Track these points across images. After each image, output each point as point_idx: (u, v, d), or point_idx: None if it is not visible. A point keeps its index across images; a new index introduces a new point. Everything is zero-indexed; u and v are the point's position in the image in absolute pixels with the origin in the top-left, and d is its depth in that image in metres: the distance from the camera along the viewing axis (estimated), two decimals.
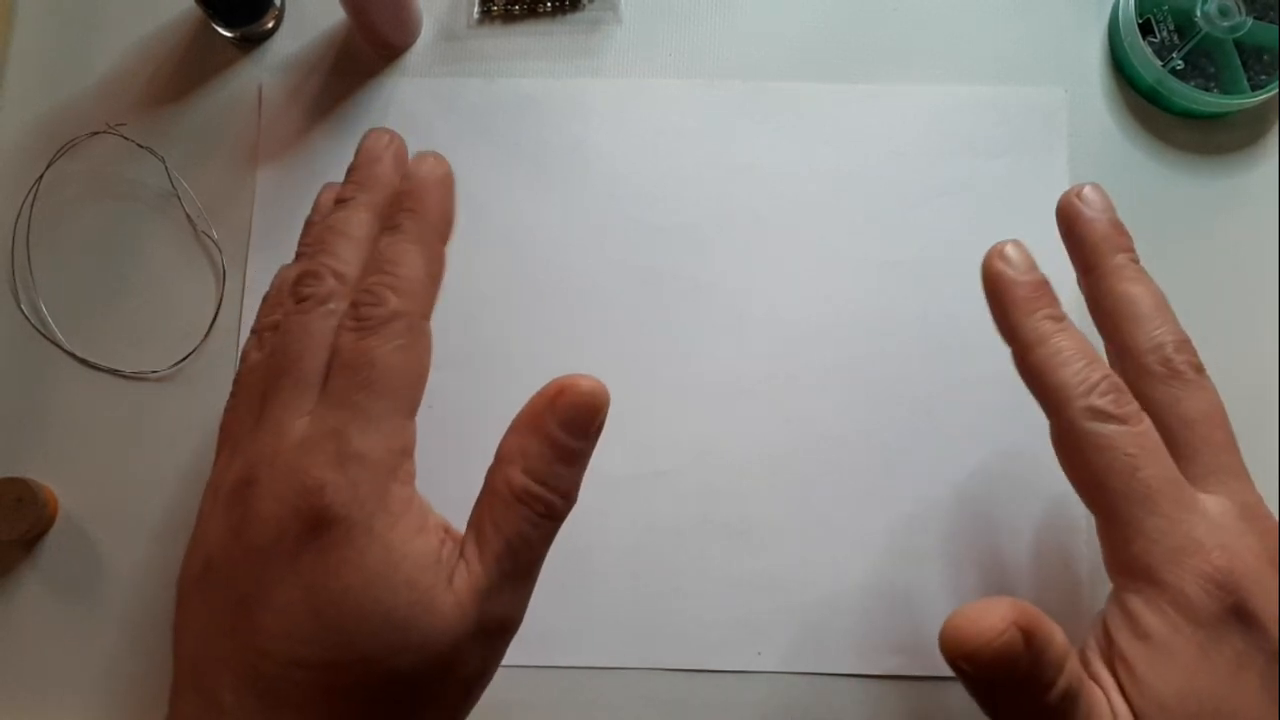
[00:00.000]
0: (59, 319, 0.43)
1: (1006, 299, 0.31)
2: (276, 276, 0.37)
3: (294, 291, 0.30)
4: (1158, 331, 0.30)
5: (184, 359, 0.43)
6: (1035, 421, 0.39)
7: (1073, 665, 0.26)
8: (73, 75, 0.46)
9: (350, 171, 0.32)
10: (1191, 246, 0.44)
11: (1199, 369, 0.30)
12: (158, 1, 0.46)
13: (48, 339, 0.43)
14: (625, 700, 0.40)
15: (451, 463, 0.30)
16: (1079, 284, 0.33)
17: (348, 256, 0.30)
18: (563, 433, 0.28)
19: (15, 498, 0.40)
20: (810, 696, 0.40)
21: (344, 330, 0.28)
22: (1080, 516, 0.41)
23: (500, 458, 0.29)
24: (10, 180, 0.44)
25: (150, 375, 0.43)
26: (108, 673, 0.40)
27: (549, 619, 0.40)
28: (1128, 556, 0.28)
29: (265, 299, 0.36)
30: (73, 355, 0.43)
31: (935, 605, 0.41)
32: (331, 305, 0.29)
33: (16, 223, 0.44)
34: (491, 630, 0.28)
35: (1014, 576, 0.41)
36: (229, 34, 0.46)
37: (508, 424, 0.29)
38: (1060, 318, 0.31)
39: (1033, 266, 0.31)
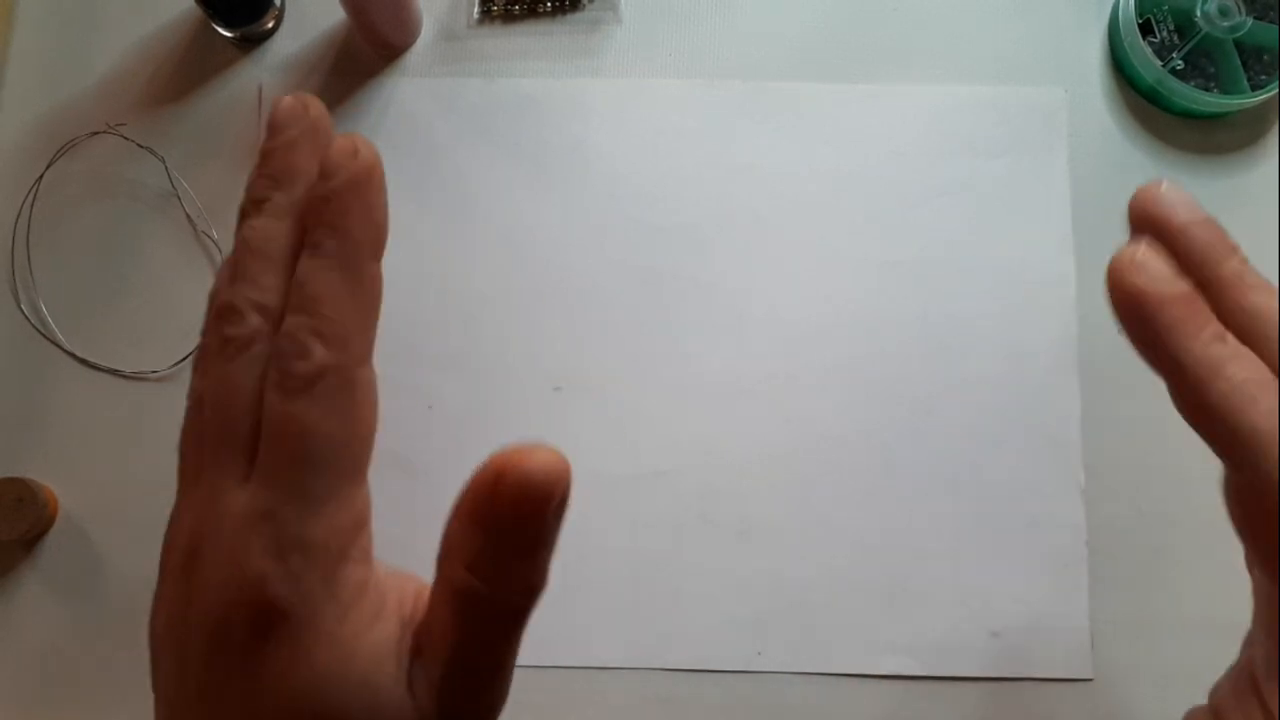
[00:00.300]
0: (59, 319, 0.43)
1: (1159, 322, 0.25)
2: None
3: (216, 328, 0.25)
4: None
5: (184, 359, 0.43)
6: (1034, 421, 0.39)
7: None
8: (73, 75, 0.46)
9: (262, 158, 0.25)
10: None
11: None
12: (158, 1, 0.46)
13: (48, 339, 0.43)
14: (625, 700, 0.40)
15: (451, 463, 0.30)
16: None
17: (269, 283, 0.25)
18: (511, 523, 0.23)
19: (15, 498, 0.40)
20: (810, 696, 0.40)
21: (269, 388, 0.24)
22: (1080, 516, 0.41)
23: (443, 547, 0.24)
24: (10, 180, 0.44)
25: (150, 375, 0.43)
26: (108, 673, 0.40)
27: (549, 619, 0.40)
28: None
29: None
30: (73, 355, 0.43)
31: (935, 605, 0.41)
32: (256, 349, 0.24)
33: (16, 223, 0.44)
34: None
35: (1014, 577, 0.41)
36: (229, 34, 0.46)
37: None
38: (1225, 336, 0.25)
39: (1177, 274, 0.25)
